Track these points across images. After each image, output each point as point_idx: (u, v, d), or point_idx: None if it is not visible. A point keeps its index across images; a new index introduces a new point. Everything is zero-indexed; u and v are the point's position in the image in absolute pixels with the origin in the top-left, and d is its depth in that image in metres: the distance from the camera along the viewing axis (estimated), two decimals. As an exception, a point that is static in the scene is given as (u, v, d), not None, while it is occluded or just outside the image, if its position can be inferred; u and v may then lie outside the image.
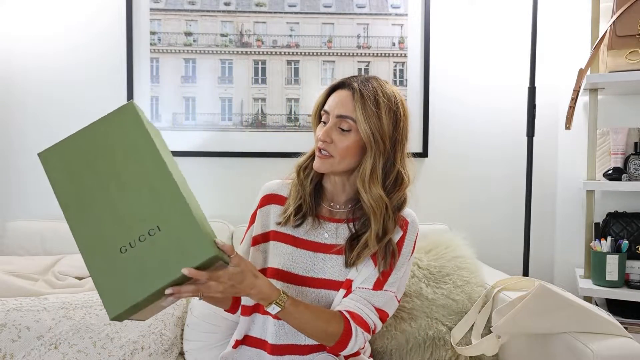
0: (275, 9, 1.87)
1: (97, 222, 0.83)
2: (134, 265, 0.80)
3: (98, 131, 0.87)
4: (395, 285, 1.10)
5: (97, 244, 0.82)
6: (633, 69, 1.61)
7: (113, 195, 0.84)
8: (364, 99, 1.03)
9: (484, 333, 1.35)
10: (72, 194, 0.84)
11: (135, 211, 0.83)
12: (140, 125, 0.86)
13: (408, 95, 1.90)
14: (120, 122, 0.87)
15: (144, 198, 0.83)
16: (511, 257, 1.93)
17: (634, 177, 1.69)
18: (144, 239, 0.82)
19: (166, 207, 0.83)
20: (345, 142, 1.05)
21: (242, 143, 1.88)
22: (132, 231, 0.82)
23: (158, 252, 0.81)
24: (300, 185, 1.12)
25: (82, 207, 0.83)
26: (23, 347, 1.30)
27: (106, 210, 0.83)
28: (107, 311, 0.79)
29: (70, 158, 0.86)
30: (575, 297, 1.14)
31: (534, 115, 1.72)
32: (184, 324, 1.49)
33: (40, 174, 1.86)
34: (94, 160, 0.86)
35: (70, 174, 0.85)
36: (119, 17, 1.85)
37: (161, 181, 0.84)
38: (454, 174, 1.96)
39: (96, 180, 0.85)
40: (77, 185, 0.85)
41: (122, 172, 0.85)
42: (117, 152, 0.86)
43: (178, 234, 0.82)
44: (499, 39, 1.92)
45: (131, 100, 0.95)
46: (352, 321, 1.04)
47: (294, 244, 1.12)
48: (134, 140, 0.86)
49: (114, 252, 0.81)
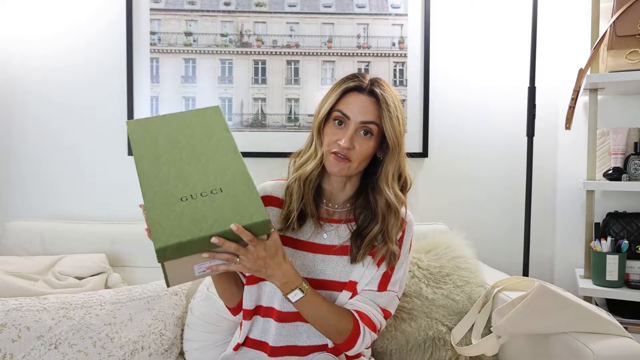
0: (275, 9, 1.87)
1: (165, 176, 0.93)
2: (190, 212, 0.88)
3: (182, 115, 1.03)
4: (397, 284, 1.13)
5: (160, 189, 0.90)
6: (633, 69, 1.61)
7: (185, 160, 0.95)
8: (389, 106, 1.05)
9: (484, 333, 1.35)
10: (148, 153, 0.96)
11: (202, 174, 0.93)
12: (220, 116, 1.03)
13: (408, 95, 1.90)
14: (203, 112, 1.04)
15: (212, 166, 0.95)
16: (511, 257, 1.93)
17: (634, 177, 1.69)
18: (206, 195, 0.91)
19: (231, 175, 0.94)
20: (365, 147, 1.06)
21: (242, 143, 1.87)
22: (196, 187, 0.91)
23: (215, 208, 0.89)
24: (303, 193, 1.10)
25: (154, 163, 0.94)
26: (23, 347, 1.30)
27: (175, 168, 0.94)
28: (155, 242, 0.84)
29: (153, 128, 1.00)
30: (575, 297, 1.14)
31: (534, 115, 1.72)
32: (184, 324, 1.49)
33: (40, 174, 1.86)
34: (175, 132, 0.99)
35: (150, 138, 0.98)
36: (119, 17, 1.84)
37: (231, 155, 0.97)
38: (454, 173, 1.96)
39: (172, 147, 0.97)
40: (154, 147, 0.97)
41: (197, 144, 0.98)
42: (196, 129, 1.00)
43: (238, 197, 0.91)
44: (499, 39, 1.92)
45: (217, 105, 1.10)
46: (360, 321, 1.06)
47: (293, 246, 1.12)
48: (212, 124, 1.02)
49: (174, 199, 0.89)
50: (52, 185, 1.87)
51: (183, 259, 0.87)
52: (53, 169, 1.87)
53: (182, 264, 0.89)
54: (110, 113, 1.86)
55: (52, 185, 1.87)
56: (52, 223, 1.72)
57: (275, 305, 1.11)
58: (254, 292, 1.13)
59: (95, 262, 1.57)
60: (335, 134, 1.06)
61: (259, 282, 1.13)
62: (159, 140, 0.98)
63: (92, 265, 1.56)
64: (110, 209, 1.87)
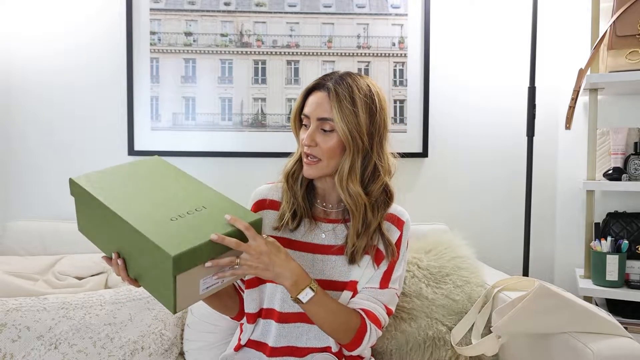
0: (275, 9, 1.87)
1: (144, 206, 0.92)
2: (186, 226, 0.89)
3: (127, 167, 1.04)
4: (397, 282, 1.13)
5: (147, 215, 0.90)
6: (633, 69, 1.61)
7: (156, 195, 0.96)
8: (340, 98, 1.03)
9: (484, 333, 1.35)
10: (114, 197, 0.94)
11: (179, 200, 0.96)
12: (167, 163, 1.07)
13: (408, 95, 1.90)
14: (146, 162, 1.06)
15: (185, 194, 0.98)
16: (511, 257, 1.93)
17: (634, 177, 1.69)
18: (192, 213, 0.93)
19: (207, 197, 0.98)
20: (329, 143, 1.04)
21: (242, 143, 1.88)
22: (179, 209, 0.93)
23: (208, 219, 0.92)
24: (290, 191, 1.12)
25: (126, 201, 0.93)
26: (23, 347, 1.30)
27: (150, 202, 0.94)
28: (168, 250, 0.83)
29: (105, 179, 0.99)
30: (575, 297, 1.14)
31: (534, 115, 1.72)
32: (184, 324, 1.49)
33: (40, 174, 1.86)
34: (130, 178, 1.00)
35: (108, 187, 0.97)
36: (119, 17, 1.85)
37: (197, 184, 1.02)
38: (454, 173, 1.96)
39: (137, 189, 0.97)
40: (116, 192, 0.95)
41: (160, 182, 1.00)
42: (151, 174, 1.02)
43: (225, 210, 0.95)
44: (499, 39, 1.92)
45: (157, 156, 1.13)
46: (367, 318, 1.07)
47: (291, 247, 1.12)
48: (162, 168, 1.05)
49: (164, 219, 0.90)
50: (52, 185, 1.87)
51: (192, 272, 0.87)
52: (53, 169, 1.87)
53: (190, 278, 0.88)
54: (110, 113, 1.86)
55: (52, 185, 1.87)
56: (52, 223, 1.72)
57: (276, 307, 1.11)
58: (256, 296, 1.13)
59: (96, 262, 1.57)
60: (303, 135, 1.08)
61: (259, 285, 1.13)
62: (118, 187, 0.97)
63: (92, 265, 1.56)
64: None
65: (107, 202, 0.92)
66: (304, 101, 1.10)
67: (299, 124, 1.12)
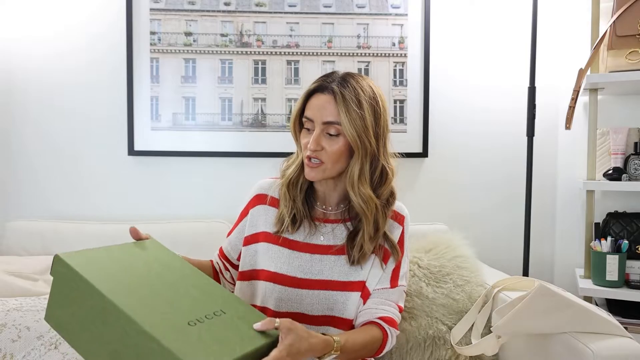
0: (275, 9, 1.87)
1: (154, 304, 0.79)
2: (209, 335, 0.77)
3: (120, 248, 0.91)
4: (404, 278, 1.14)
5: (161, 317, 0.76)
6: (633, 69, 1.61)
7: (162, 290, 0.83)
8: (347, 102, 1.01)
9: (484, 333, 1.35)
10: (113, 285, 0.79)
11: (192, 300, 0.84)
12: (162, 245, 0.97)
13: (408, 95, 1.90)
14: (141, 244, 0.96)
15: (196, 292, 0.87)
16: (511, 257, 1.93)
17: (634, 177, 1.69)
18: (211, 318, 0.81)
19: (222, 298, 0.88)
20: (335, 147, 1.03)
21: (242, 143, 1.88)
22: (195, 312, 0.81)
23: (231, 327, 0.81)
24: (290, 196, 1.11)
25: (130, 294, 0.78)
26: (23, 347, 1.30)
27: (159, 297, 0.81)
28: None
29: (97, 260, 0.83)
30: (575, 297, 1.14)
31: (534, 115, 1.72)
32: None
33: (41, 174, 1.86)
34: (126, 262, 0.87)
35: (102, 271, 0.81)
36: (119, 17, 1.85)
37: (204, 279, 0.92)
38: (454, 174, 1.96)
39: (137, 278, 0.84)
40: (114, 279, 0.80)
41: (162, 274, 0.88)
42: (148, 260, 0.90)
43: (246, 317, 0.85)
44: (499, 39, 1.92)
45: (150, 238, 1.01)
46: (386, 326, 1.07)
47: (289, 246, 1.11)
48: (159, 252, 0.95)
49: (182, 324, 0.77)
50: (52, 185, 1.87)
51: None
52: (53, 169, 1.87)
53: None
54: (110, 113, 1.86)
55: (52, 185, 1.87)
56: (52, 223, 1.72)
57: (271, 306, 1.10)
58: (247, 290, 1.13)
59: (95, 262, 1.57)
60: (305, 139, 1.07)
61: (251, 280, 1.12)
62: (115, 272, 0.82)
63: (92, 265, 1.56)
64: (110, 209, 1.87)
65: (111, 296, 0.75)
66: (304, 104, 1.08)
67: (299, 127, 1.11)
